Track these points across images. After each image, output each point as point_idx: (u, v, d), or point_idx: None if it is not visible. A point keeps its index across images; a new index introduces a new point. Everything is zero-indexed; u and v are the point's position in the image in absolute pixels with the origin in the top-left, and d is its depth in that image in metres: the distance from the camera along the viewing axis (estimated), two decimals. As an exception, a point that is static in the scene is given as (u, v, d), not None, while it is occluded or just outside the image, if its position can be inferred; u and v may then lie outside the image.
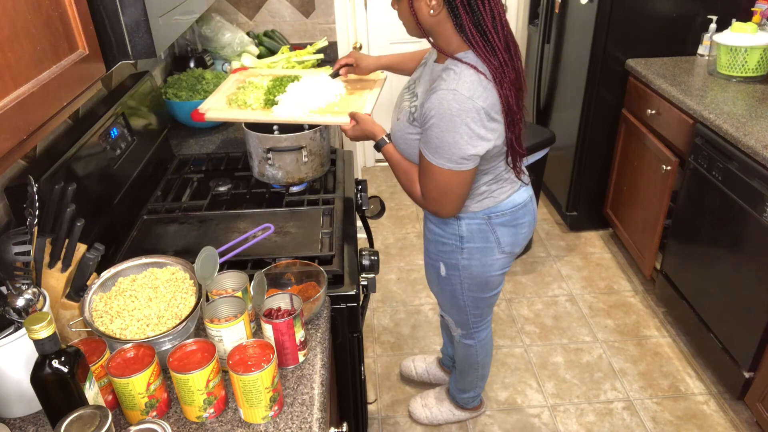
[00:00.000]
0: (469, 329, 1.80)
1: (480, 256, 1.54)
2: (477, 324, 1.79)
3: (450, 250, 1.56)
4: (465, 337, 1.84)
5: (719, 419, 2.06)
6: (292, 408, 0.98)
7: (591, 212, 3.08)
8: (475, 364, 1.91)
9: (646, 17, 2.58)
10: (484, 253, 1.54)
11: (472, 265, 1.56)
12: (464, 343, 1.86)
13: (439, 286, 1.69)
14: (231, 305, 1.05)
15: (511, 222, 1.52)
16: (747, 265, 1.91)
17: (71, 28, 0.88)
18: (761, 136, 1.87)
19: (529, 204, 1.55)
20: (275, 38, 2.67)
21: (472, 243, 1.52)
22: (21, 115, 0.74)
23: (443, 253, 1.58)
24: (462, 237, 1.52)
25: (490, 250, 1.54)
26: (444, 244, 1.56)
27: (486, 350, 1.90)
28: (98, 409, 0.78)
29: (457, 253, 1.55)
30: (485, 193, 1.46)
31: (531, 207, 1.56)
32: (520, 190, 1.52)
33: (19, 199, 1.10)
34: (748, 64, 2.33)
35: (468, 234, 1.51)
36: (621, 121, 2.76)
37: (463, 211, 1.48)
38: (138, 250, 1.36)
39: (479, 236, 1.51)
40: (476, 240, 1.52)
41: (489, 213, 1.49)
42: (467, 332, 1.82)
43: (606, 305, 2.62)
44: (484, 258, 1.55)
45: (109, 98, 1.64)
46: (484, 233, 1.51)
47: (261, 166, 1.59)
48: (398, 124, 1.43)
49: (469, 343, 1.85)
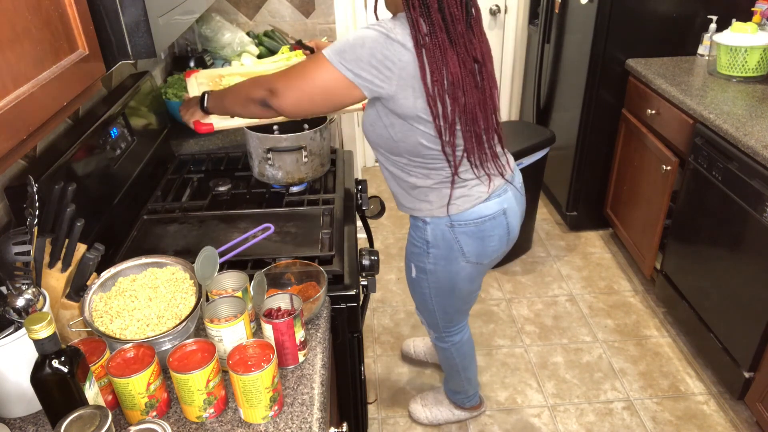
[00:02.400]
0: (440, 332, 1.80)
1: (445, 263, 1.52)
2: (448, 328, 1.78)
3: (419, 253, 1.54)
4: (438, 340, 1.84)
5: (719, 419, 2.06)
6: (292, 408, 0.98)
7: (591, 212, 3.08)
8: (455, 366, 1.90)
9: (646, 17, 2.58)
10: (449, 261, 1.51)
11: (437, 270, 1.54)
12: (439, 345, 1.86)
13: (411, 286, 1.69)
14: (231, 305, 1.05)
15: (477, 233, 1.46)
16: (747, 265, 1.91)
17: (71, 28, 0.88)
18: (761, 136, 1.87)
19: (500, 218, 1.47)
20: (275, 38, 2.67)
21: (436, 249, 1.50)
22: (21, 115, 0.74)
23: (414, 255, 1.57)
24: (428, 242, 1.50)
25: (454, 258, 1.51)
26: (415, 246, 1.55)
27: (463, 353, 1.87)
28: (98, 409, 0.77)
29: (424, 257, 1.53)
30: (446, 198, 1.41)
31: (502, 221, 1.48)
32: (490, 201, 1.44)
33: (19, 199, 1.10)
34: (748, 64, 2.33)
35: (433, 239, 1.49)
36: (621, 121, 2.76)
37: (428, 215, 1.45)
38: (138, 250, 1.37)
39: (443, 243, 1.48)
40: (440, 246, 1.49)
41: (452, 220, 1.44)
42: (439, 335, 1.81)
43: (606, 305, 2.62)
44: (449, 265, 1.52)
45: (109, 98, 1.64)
46: (447, 241, 1.48)
47: (261, 166, 1.59)
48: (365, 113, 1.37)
49: (443, 346, 1.85)
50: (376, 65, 1.20)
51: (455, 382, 1.98)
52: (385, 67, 1.20)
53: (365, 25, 1.25)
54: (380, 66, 1.20)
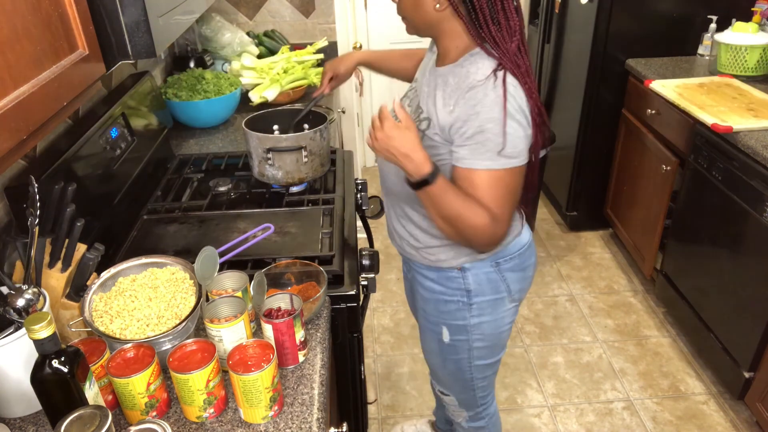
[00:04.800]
0: (477, 408, 1.51)
1: (491, 309, 1.31)
2: (485, 398, 1.51)
3: (455, 309, 1.31)
4: (472, 420, 1.54)
5: (719, 419, 2.06)
6: (292, 408, 0.98)
7: (591, 212, 3.08)
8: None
9: (646, 17, 2.58)
10: (495, 306, 1.31)
11: (482, 323, 1.32)
12: (473, 427, 1.55)
13: (441, 356, 1.42)
14: (231, 305, 1.05)
15: (520, 266, 1.31)
16: (747, 265, 1.91)
17: (71, 28, 0.88)
18: (761, 136, 1.87)
19: (533, 244, 1.36)
20: (275, 38, 2.67)
21: (481, 296, 1.29)
22: (21, 115, 0.74)
23: (446, 314, 1.33)
24: (469, 291, 1.29)
25: (501, 301, 1.31)
26: (447, 302, 1.32)
27: (497, 426, 1.61)
28: (98, 409, 0.77)
29: (465, 311, 1.31)
30: None
31: (534, 247, 1.36)
32: (524, 228, 1.33)
33: (19, 199, 1.10)
34: (747, 64, 2.33)
35: (476, 286, 1.28)
36: (621, 121, 2.76)
37: (467, 260, 1.26)
38: (138, 250, 1.36)
39: (489, 287, 1.29)
40: (486, 292, 1.29)
41: (497, 259, 1.27)
42: (474, 413, 1.52)
43: (606, 305, 2.62)
44: (496, 311, 1.32)
45: (109, 98, 1.64)
46: (493, 282, 1.29)
47: (261, 166, 1.59)
48: None
49: (479, 425, 1.55)
50: (527, 125, 1.10)
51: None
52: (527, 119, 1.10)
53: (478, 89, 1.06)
54: (527, 122, 1.10)
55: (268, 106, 2.13)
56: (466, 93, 1.07)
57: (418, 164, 1.08)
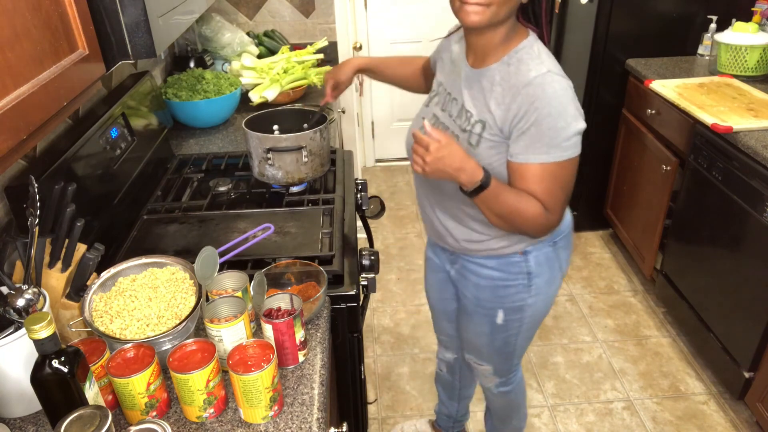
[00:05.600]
0: (509, 375, 1.59)
1: (546, 287, 1.37)
2: (517, 365, 1.60)
3: (515, 292, 1.35)
4: (502, 385, 1.62)
5: (719, 419, 2.06)
6: (292, 408, 0.98)
7: (591, 212, 3.08)
8: (517, 406, 1.72)
9: (646, 17, 2.58)
10: (550, 284, 1.37)
11: (538, 301, 1.37)
12: (502, 391, 1.64)
13: (491, 336, 1.46)
14: (231, 305, 1.05)
15: (569, 243, 1.38)
16: (747, 265, 1.91)
17: (71, 28, 0.88)
18: (761, 136, 1.87)
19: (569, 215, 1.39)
20: (275, 38, 2.67)
21: (540, 277, 1.34)
22: (21, 115, 0.74)
23: (505, 297, 1.37)
24: (530, 273, 1.32)
25: (554, 278, 1.37)
26: (508, 287, 1.35)
27: (522, 387, 1.70)
28: (98, 409, 0.77)
29: (524, 293, 1.35)
30: None
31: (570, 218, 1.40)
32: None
33: (19, 199, 1.10)
34: (747, 63, 2.33)
35: (536, 268, 1.32)
36: (621, 121, 2.76)
37: (530, 243, 1.30)
38: (138, 250, 1.36)
39: (547, 267, 1.34)
40: (544, 272, 1.34)
41: (554, 238, 1.32)
42: (506, 379, 1.60)
43: (606, 305, 2.62)
44: (549, 289, 1.38)
45: (109, 98, 1.64)
46: (550, 262, 1.34)
47: (261, 166, 1.59)
48: None
49: (508, 389, 1.63)
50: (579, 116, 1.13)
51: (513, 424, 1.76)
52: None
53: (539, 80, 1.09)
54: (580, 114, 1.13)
55: (268, 106, 2.14)
56: (522, 89, 1.09)
57: (470, 174, 1.11)
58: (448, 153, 1.09)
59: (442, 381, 1.87)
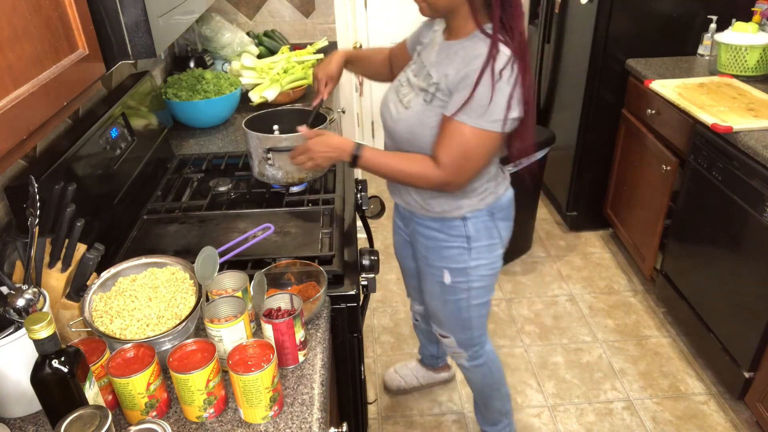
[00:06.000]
0: (473, 346, 1.69)
1: (487, 254, 1.51)
2: (480, 338, 1.69)
3: (458, 254, 1.50)
4: (472, 359, 1.71)
5: (719, 419, 2.06)
6: (292, 408, 0.98)
7: (591, 212, 3.08)
8: (495, 382, 1.79)
9: (646, 17, 2.58)
10: (490, 251, 1.51)
11: (480, 265, 1.51)
12: (473, 365, 1.73)
13: (442, 298, 1.59)
14: (231, 305, 1.05)
15: (508, 216, 1.54)
16: (747, 265, 1.91)
17: (71, 28, 0.88)
18: (761, 136, 1.87)
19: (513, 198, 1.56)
20: (275, 38, 2.67)
21: (479, 242, 1.48)
22: (21, 115, 0.74)
23: (449, 258, 1.51)
24: (469, 237, 1.47)
25: (494, 246, 1.51)
26: (450, 248, 1.50)
27: (497, 363, 1.78)
28: (98, 409, 0.77)
29: (466, 254, 1.49)
30: (488, 190, 1.45)
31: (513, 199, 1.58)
32: (508, 184, 1.53)
33: (19, 199, 1.10)
34: (747, 64, 2.33)
35: (475, 233, 1.47)
36: (621, 121, 2.76)
37: (468, 211, 1.45)
38: (138, 250, 1.36)
39: (485, 234, 1.48)
40: (483, 238, 1.49)
41: (492, 209, 1.47)
42: (473, 352, 1.70)
43: (606, 305, 2.62)
44: (491, 255, 1.52)
45: (109, 98, 1.64)
46: (489, 230, 1.48)
47: (261, 166, 1.59)
48: (408, 112, 1.35)
49: (479, 363, 1.72)
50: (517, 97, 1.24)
51: (496, 408, 1.85)
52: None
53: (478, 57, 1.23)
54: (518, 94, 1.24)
55: (268, 106, 2.14)
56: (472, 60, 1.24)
57: (343, 149, 1.35)
58: (323, 141, 1.35)
59: (419, 328, 2.09)
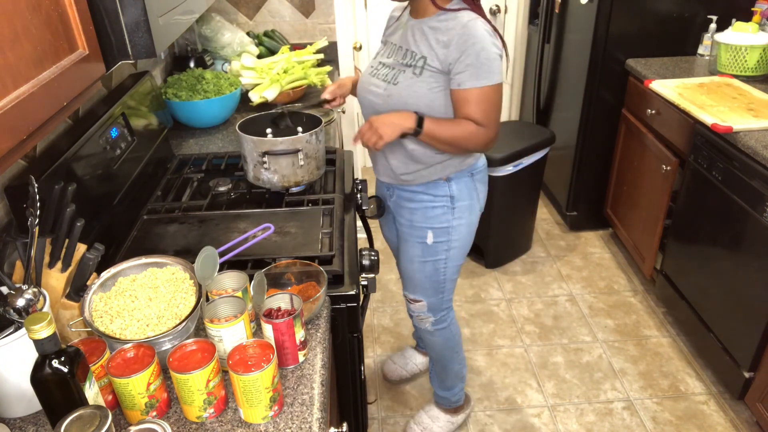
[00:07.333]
0: (441, 310, 1.78)
1: (467, 213, 1.62)
2: (448, 302, 1.79)
3: (441, 213, 1.60)
4: (438, 323, 1.81)
5: (719, 419, 2.06)
6: (292, 408, 0.98)
7: (591, 212, 3.08)
8: (456, 345, 1.89)
9: (646, 17, 2.58)
10: (470, 211, 1.63)
11: (461, 225, 1.62)
12: (438, 329, 1.82)
13: (422, 259, 1.68)
14: (231, 305, 1.05)
15: (484, 179, 1.66)
16: (747, 265, 1.91)
17: (71, 28, 0.88)
18: (761, 136, 1.87)
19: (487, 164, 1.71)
20: (275, 38, 2.67)
21: (461, 201, 1.60)
22: (21, 115, 0.74)
23: (433, 218, 1.61)
24: (453, 197, 1.58)
25: (473, 207, 1.63)
26: (434, 208, 1.60)
27: (457, 326, 1.89)
28: (98, 409, 0.77)
29: (449, 214, 1.60)
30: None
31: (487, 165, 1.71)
32: None
33: (19, 199, 1.10)
34: (747, 64, 2.33)
35: (458, 193, 1.58)
36: (621, 121, 2.76)
37: (453, 171, 1.56)
38: (138, 250, 1.36)
39: (467, 194, 1.60)
40: (464, 198, 1.60)
41: (472, 170, 1.60)
42: (440, 316, 1.79)
43: (606, 305, 2.62)
44: (470, 216, 1.63)
45: (109, 98, 1.64)
46: (470, 190, 1.60)
47: (256, 170, 1.58)
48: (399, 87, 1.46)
49: (443, 327, 1.82)
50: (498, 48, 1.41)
51: (453, 372, 1.93)
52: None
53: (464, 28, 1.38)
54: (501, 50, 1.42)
55: (268, 107, 2.13)
56: (458, 31, 1.37)
57: (407, 116, 1.43)
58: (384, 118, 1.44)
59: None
